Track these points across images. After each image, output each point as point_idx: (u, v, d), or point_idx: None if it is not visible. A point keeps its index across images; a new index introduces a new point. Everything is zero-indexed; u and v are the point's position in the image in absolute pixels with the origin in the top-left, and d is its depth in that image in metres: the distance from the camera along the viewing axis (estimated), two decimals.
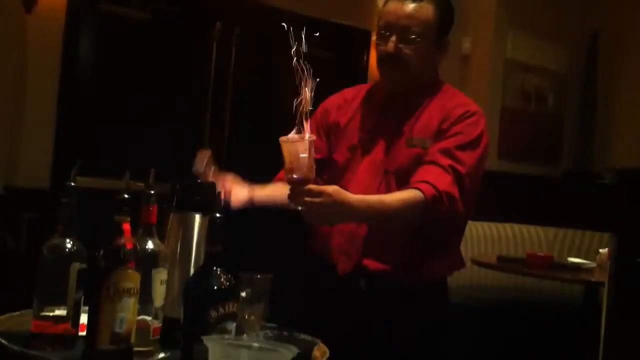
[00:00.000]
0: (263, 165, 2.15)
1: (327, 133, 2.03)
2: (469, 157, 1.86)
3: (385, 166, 1.91)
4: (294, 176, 1.65)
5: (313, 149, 1.67)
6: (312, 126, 1.98)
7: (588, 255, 4.28)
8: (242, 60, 4.28)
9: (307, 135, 1.65)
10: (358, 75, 4.65)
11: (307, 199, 1.64)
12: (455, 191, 1.80)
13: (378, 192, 1.87)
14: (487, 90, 5.12)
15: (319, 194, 1.65)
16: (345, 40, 4.65)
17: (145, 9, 4.04)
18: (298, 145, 1.64)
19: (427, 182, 1.79)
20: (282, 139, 1.67)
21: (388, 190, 1.87)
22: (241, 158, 4.13)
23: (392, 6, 1.90)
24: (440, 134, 1.88)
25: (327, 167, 1.99)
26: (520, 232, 4.77)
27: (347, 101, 2.04)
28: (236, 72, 4.27)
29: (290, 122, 1.74)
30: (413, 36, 1.87)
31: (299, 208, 1.67)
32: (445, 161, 1.83)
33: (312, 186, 1.65)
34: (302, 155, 1.64)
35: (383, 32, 1.91)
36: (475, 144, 1.88)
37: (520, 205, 4.87)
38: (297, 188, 1.65)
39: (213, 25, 4.20)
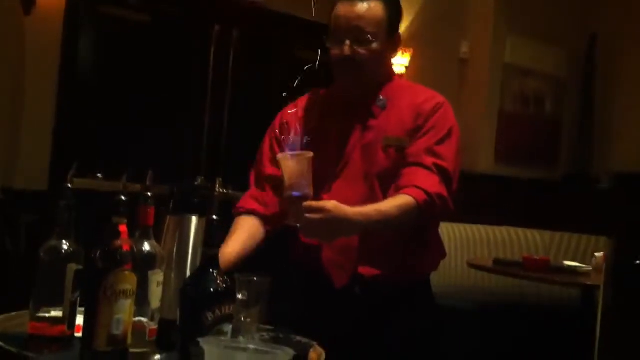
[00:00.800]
0: None
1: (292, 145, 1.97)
2: (448, 149, 1.88)
3: (365, 170, 1.90)
4: (294, 194, 1.65)
5: (311, 165, 1.67)
6: (271, 141, 1.99)
7: (584, 258, 4.29)
8: (240, 62, 4.29)
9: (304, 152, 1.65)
10: None
11: (307, 215, 1.64)
12: (444, 190, 1.82)
13: (361, 197, 1.85)
14: (485, 94, 5.13)
15: (320, 210, 1.65)
16: None
17: (144, 10, 4.05)
18: (297, 162, 1.65)
19: (416, 186, 1.80)
20: (280, 156, 1.67)
21: (372, 193, 1.87)
22: (239, 159, 4.15)
23: (341, 9, 1.89)
24: (416, 131, 1.89)
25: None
26: (516, 235, 4.78)
27: (306, 111, 2.01)
28: (234, 74, 4.28)
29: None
30: (368, 37, 1.87)
31: (298, 225, 1.66)
32: (429, 160, 1.84)
33: (311, 203, 1.65)
34: (301, 172, 1.64)
35: (335, 36, 1.90)
36: (450, 135, 1.90)
37: (517, 209, 4.88)
38: (297, 205, 1.65)
39: (212, 27, 4.21)
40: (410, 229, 1.84)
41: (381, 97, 1.95)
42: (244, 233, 1.90)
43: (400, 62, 4.73)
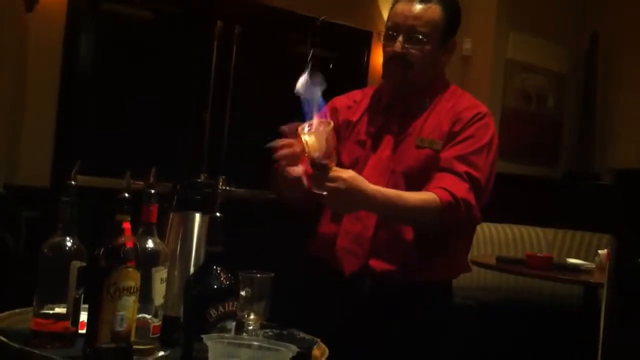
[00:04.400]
0: (263, 164, 2.15)
1: (337, 132, 2.02)
2: (483, 162, 1.87)
3: (393, 166, 1.91)
4: (316, 157, 1.65)
5: (333, 135, 1.68)
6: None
7: (587, 256, 4.28)
8: (242, 60, 4.28)
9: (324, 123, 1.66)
10: (359, 75, 4.66)
11: (327, 184, 1.65)
12: (471, 198, 1.81)
13: None
14: (487, 91, 5.12)
15: (334, 179, 1.66)
16: (346, 40, 4.65)
17: (146, 7, 4.05)
18: (318, 133, 1.65)
19: (443, 188, 1.80)
20: (300, 129, 1.67)
21: (395, 189, 1.88)
22: (242, 156, 4.15)
23: (400, 7, 1.92)
24: (451, 137, 1.89)
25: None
26: (519, 232, 4.77)
27: (355, 102, 2.06)
28: (237, 71, 4.27)
29: (291, 121, 1.74)
30: (420, 37, 1.88)
31: (323, 193, 1.67)
32: (461, 168, 1.83)
33: (330, 171, 1.66)
34: (321, 141, 1.65)
35: (390, 32, 1.92)
36: (488, 148, 1.90)
37: (519, 206, 4.87)
38: (318, 174, 1.66)
39: (214, 24, 4.20)
40: (431, 230, 1.84)
41: (426, 99, 1.96)
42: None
43: None
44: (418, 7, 1.89)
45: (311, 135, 1.65)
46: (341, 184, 1.66)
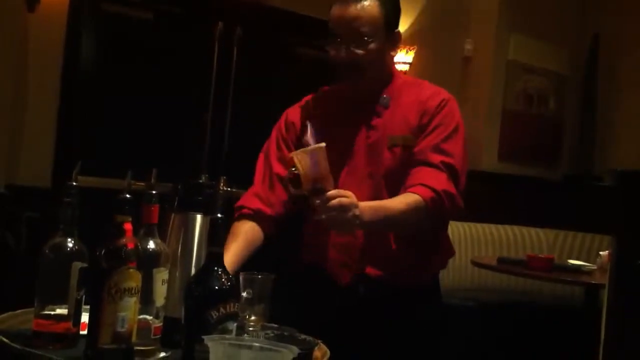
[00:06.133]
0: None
1: (295, 147, 1.93)
2: (454, 146, 1.86)
3: (371, 170, 1.89)
4: (310, 187, 1.63)
5: (326, 156, 1.65)
6: (277, 140, 1.97)
7: (589, 257, 4.28)
8: (243, 60, 4.28)
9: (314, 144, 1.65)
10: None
11: (331, 203, 1.62)
12: (452, 188, 1.81)
13: (367, 198, 1.83)
14: (488, 92, 5.12)
15: (337, 195, 1.64)
16: None
17: (147, 8, 4.05)
18: (310, 155, 1.63)
19: (423, 184, 1.79)
20: (293, 153, 1.66)
21: (378, 193, 1.86)
22: (243, 157, 4.15)
23: (337, 10, 1.86)
24: (422, 129, 1.87)
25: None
26: (520, 233, 4.77)
27: (310, 110, 1.99)
28: (237, 72, 4.27)
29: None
30: (364, 37, 1.84)
31: (322, 217, 1.64)
32: (436, 158, 1.82)
33: (332, 192, 1.64)
34: (317, 164, 1.63)
35: (333, 38, 1.87)
36: (456, 131, 1.88)
37: (520, 207, 4.87)
38: (318, 198, 1.63)
39: (215, 25, 4.21)
40: (420, 229, 1.83)
41: (384, 96, 1.93)
42: (242, 242, 1.86)
43: (404, 59, 4.73)
44: (354, 7, 1.83)
45: (305, 157, 1.64)
46: (344, 198, 1.64)
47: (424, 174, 1.81)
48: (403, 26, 2.00)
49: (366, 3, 1.84)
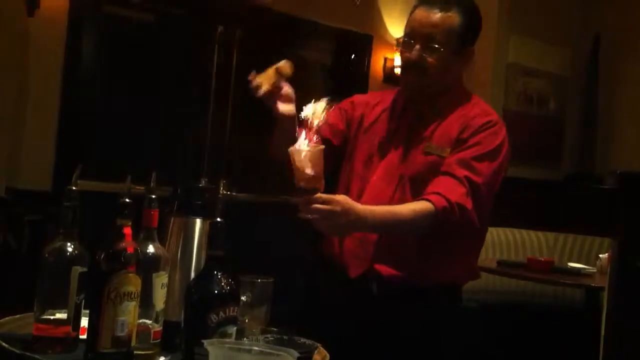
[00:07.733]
0: (264, 167, 2.15)
1: (348, 124, 2.04)
2: (486, 168, 1.86)
3: (401, 171, 1.91)
4: (302, 185, 1.65)
5: (322, 158, 1.67)
6: (336, 112, 2.00)
7: (589, 260, 4.28)
8: (243, 63, 4.29)
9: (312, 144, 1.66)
10: (359, 79, 4.65)
11: (315, 206, 1.64)
12: (468, 202, 1.80)
13: (392, 197, 1.87)
14: (489, 94, 5.12)
15: (329, 201, 1.65)
16: (346, 44, 4.65)
17: (148, 11, 4.06)
18: (308, 154, 1.65)
19: (438, 193, 1.79)
20: (292, 149, 1.67)
21: (402, 195, 1.88)
22: (243, 161, 4.16)
23: (418, 14, 1.91)
24: (459, 144, 1.88)
25: (335, 158, 1.98)
26: (520, 236, 4.77)
27: (372, 104, 2.06)
28: (238, 75, 4.27)
29: None
30: (436, 45, 1.87)
31: (310, 217, 1.66)
32: (461, 172, 1.82)
33: (321, 195, 1.65)
34: (311, 164, 1.64)
35: (407, 39, 1.91)
36: (494, 155, 1.88)
37: (521, 210, 4.86)
38: (306, 197, 1.65)
39: (215, 28, 4.21)
40: (429, 235, 1.83)
41: (436, 105, 1.95)
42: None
43: None
44: (437, 14, 1.88)
45: (302, 155, 1.65)
46: (337, 206, 1.65)
47: (444, 184, 1.82)
48: (403, 29, 2.01)
49: (449, 13, 1.88)
